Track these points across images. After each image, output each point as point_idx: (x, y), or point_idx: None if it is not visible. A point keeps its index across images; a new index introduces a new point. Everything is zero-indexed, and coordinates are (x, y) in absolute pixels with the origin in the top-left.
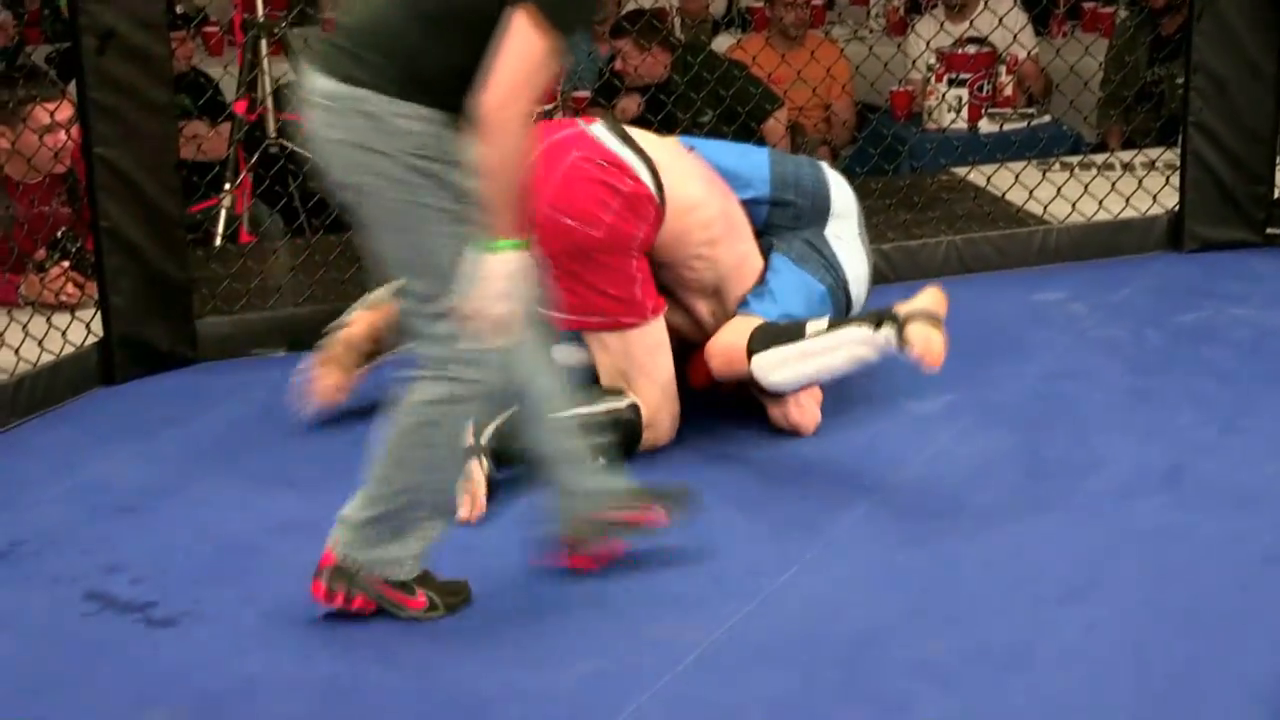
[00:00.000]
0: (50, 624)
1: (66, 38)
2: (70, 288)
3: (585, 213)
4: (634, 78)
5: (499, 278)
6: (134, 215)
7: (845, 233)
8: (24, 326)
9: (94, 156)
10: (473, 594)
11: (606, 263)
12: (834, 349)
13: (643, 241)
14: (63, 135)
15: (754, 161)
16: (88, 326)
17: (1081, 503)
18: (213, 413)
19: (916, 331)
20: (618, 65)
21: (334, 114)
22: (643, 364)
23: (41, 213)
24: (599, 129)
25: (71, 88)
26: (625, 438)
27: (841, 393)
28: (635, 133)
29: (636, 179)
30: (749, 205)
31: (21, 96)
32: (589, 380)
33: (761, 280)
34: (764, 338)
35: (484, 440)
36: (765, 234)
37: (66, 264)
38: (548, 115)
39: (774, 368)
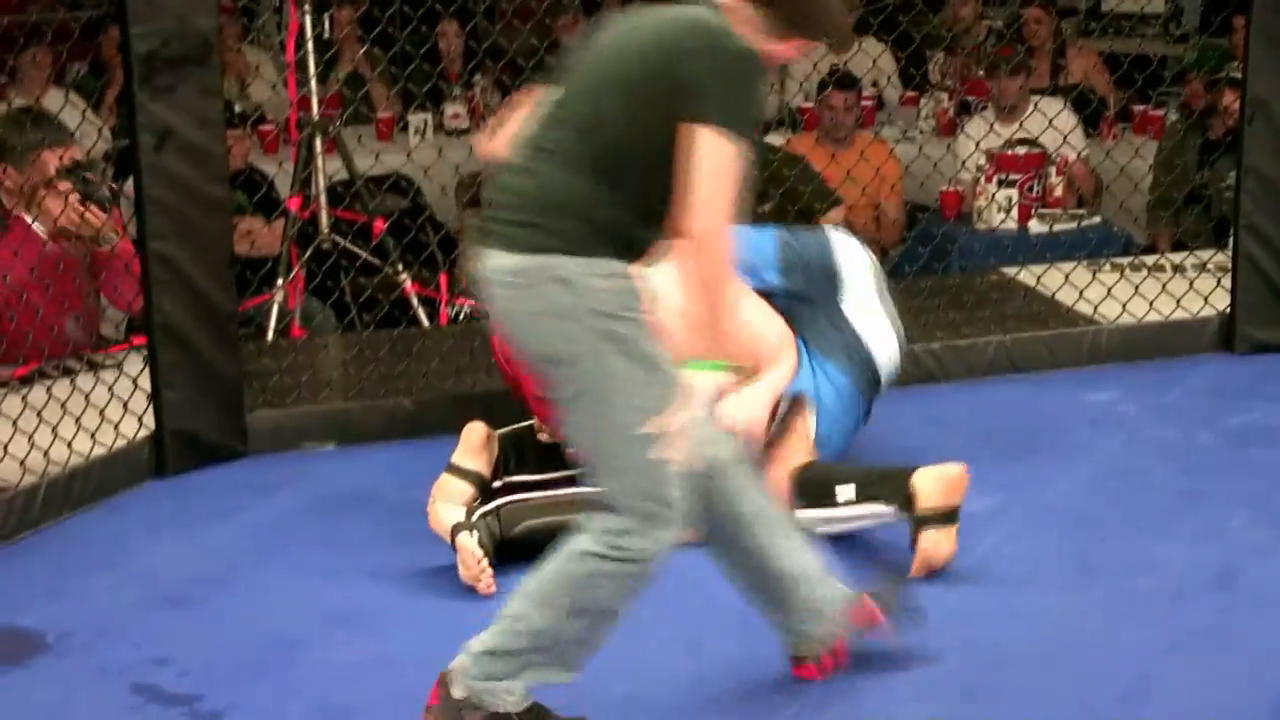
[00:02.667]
0: (96, 717)
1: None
2: (75, 213)
3: None
4: None
5: (703, 398)
6: (188, 309)
7: (862, 299)
8: (77, 419)
9: (149, 251)
10: None
11: None
12: (854, 518)
13: None
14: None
15: (762, 248)
16: (140, 419)
17: (1132, 604)
18: (262, 505)
19: (928, 538)
20: None
21: (523, 288)
22: None
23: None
24: None
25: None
26: None
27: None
28: None
29: None
30: (762, 291)
31: (31, 141)
32: None
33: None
34: (799, 490)
35: (475, 518)
36: (785, 314)
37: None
38: None
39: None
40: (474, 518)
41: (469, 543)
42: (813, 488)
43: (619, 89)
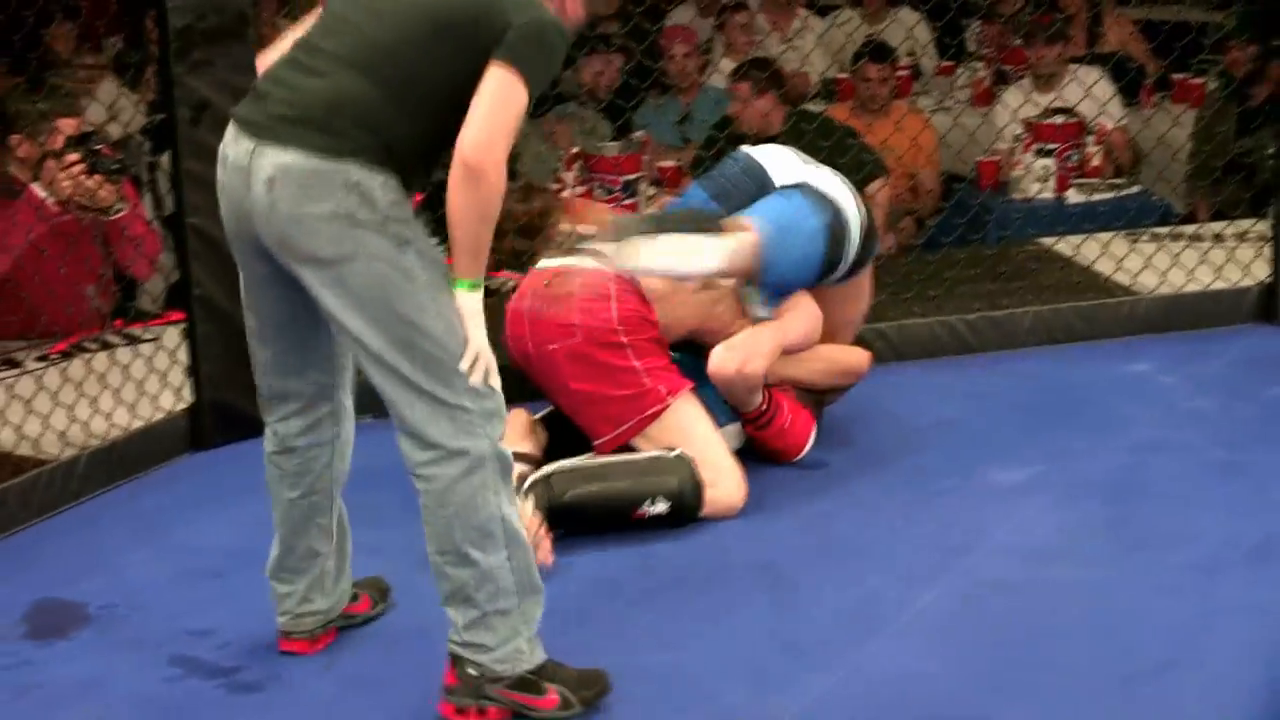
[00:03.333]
0: (135, 688)
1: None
2: (84, 179)
3: (557, 329)
4: (748, 126)
5: (473, 315)
6: (225, 283)
7: (798, 171)
8: (116, 392)
9: (186, 226)
10: (609, 684)
11: (605, 362)
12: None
13: (626, 316)
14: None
15: (697, 199)
16: (178, 393)
17: (1169, 576)
18: None
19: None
20: (732, 109)
21: (313, 188)
22: (685, 438)
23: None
24: (541, 262)
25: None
26: (683, 484)
27: (923, 462)
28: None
29: (582, 270)
30: None
31: (43, 110)
32: None
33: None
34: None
35: (525, 485)
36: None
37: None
38: (631, 187)
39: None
40: (524, 485)
41: (524, 508)
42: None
43: (428, 19)
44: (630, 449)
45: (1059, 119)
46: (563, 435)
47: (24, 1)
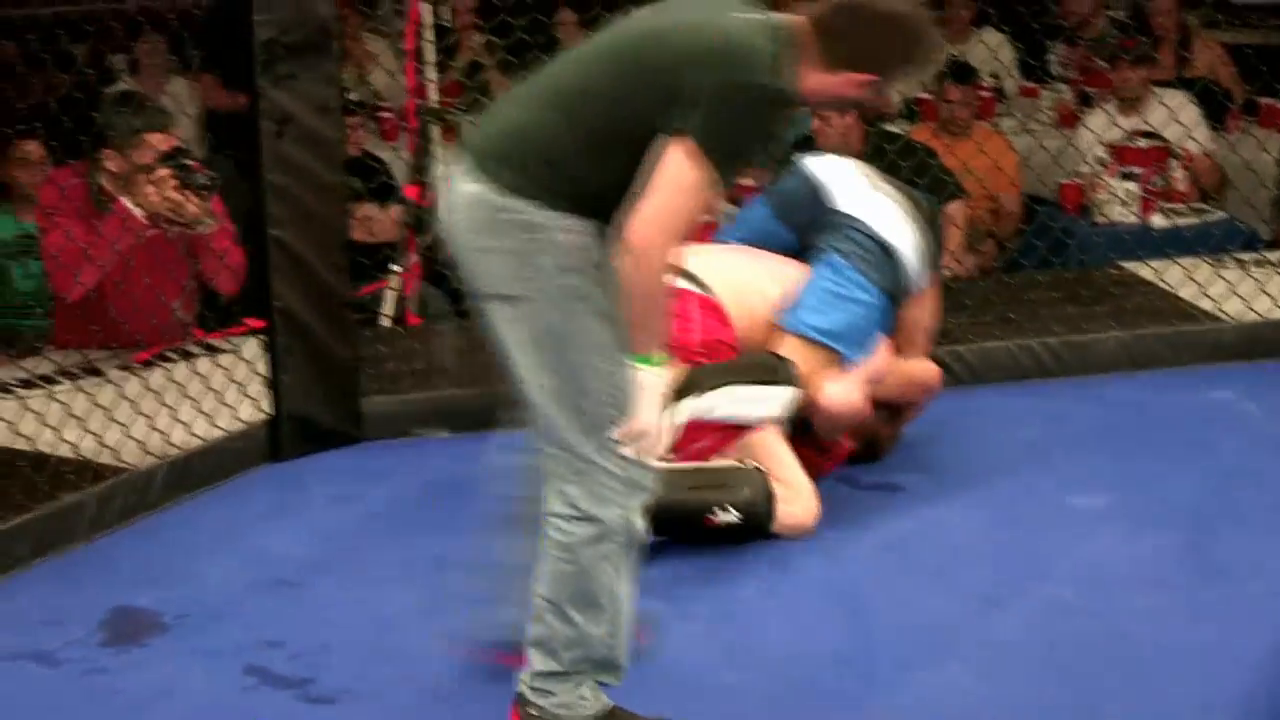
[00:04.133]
0: (209, 698)
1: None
2: (176, 194)
3: None
4: (827, 144)
5: (644, 389)
6: (305, 295)
7: (854, 196)
8: (196, 403)
9: (268, 238)
10: None
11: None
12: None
13: (709, 340)
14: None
15: (756, 216)
16: (257, 404)
17: (1248, 606)
18: (376, 491)
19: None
20: (815, 125)
21: (489, 220)
22: (764, 458)
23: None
24: None
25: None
26: (756, 495)
27: (1001, 486)
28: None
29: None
30: (790, 253)
31: (134, 125)
32: None
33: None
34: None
35: None
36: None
37: (168, 172)
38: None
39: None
40: None
41: None
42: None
43: (626, 67)
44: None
45: (1143, 142)
46: None
47: (115, 14)
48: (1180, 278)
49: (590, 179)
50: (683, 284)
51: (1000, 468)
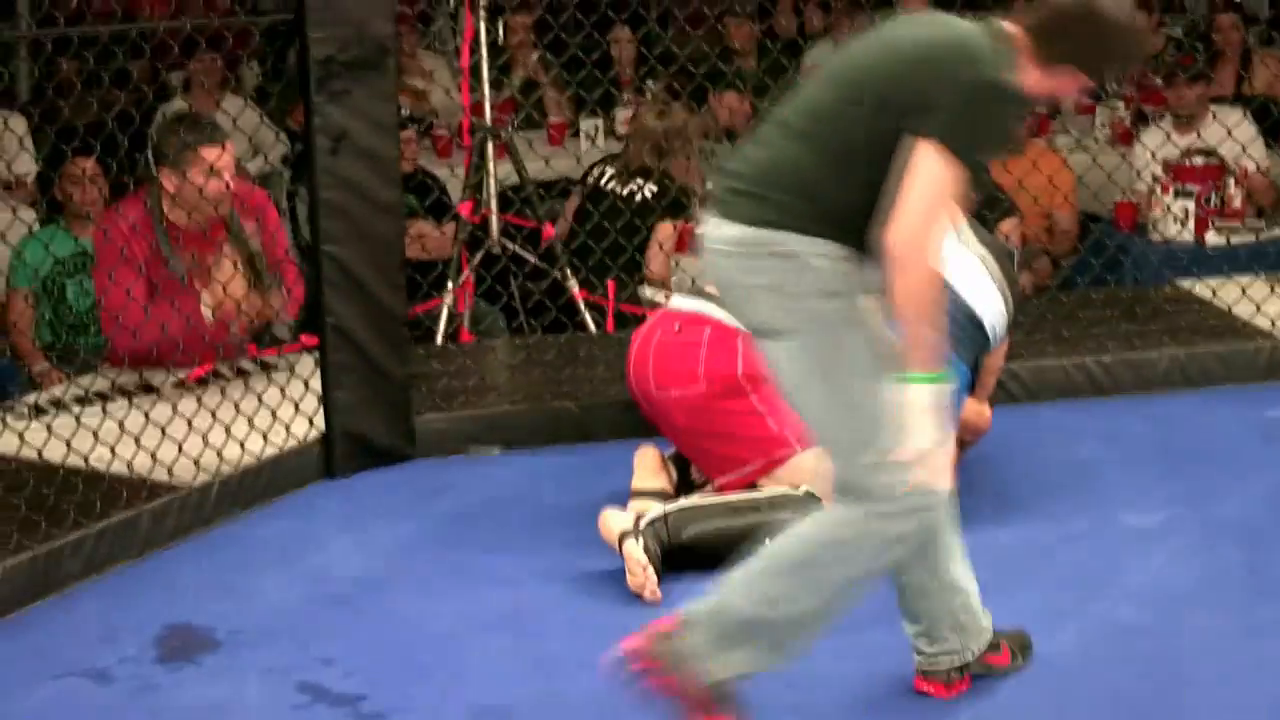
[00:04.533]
0: (262, 715)
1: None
2: (239, 289)
3: (680, 376)
4: None
5: (920, 410)
6: (359, 312)
7: (947, 248)
8: (250, 419)
9: (322, 254)
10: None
11: (727, 409)
12: None
13: (750, 373)
14: (221, 182)
15: None
16: (310, 421)
17: None
18: (429, 508)
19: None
20: None
21: (744, 258)
22: (815, 480)
23: (206, 263)
24: (676, 299)
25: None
26: None
27: (1056, 503)
28: None
29: (713, 321)
30: None
31: (188, 141)
32: None
33: None
34: None
35: (642, 524)
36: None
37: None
38: None
39: None
40: (642, 525)
41: (635, 550)
42: None
43: (863, 85)
44: (754, 487)
45: (1199, 160)
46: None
47: (171, 32)
48: (1235, 295)
49: (838, 200)
50: (710, 311)
51: (1055, 486)
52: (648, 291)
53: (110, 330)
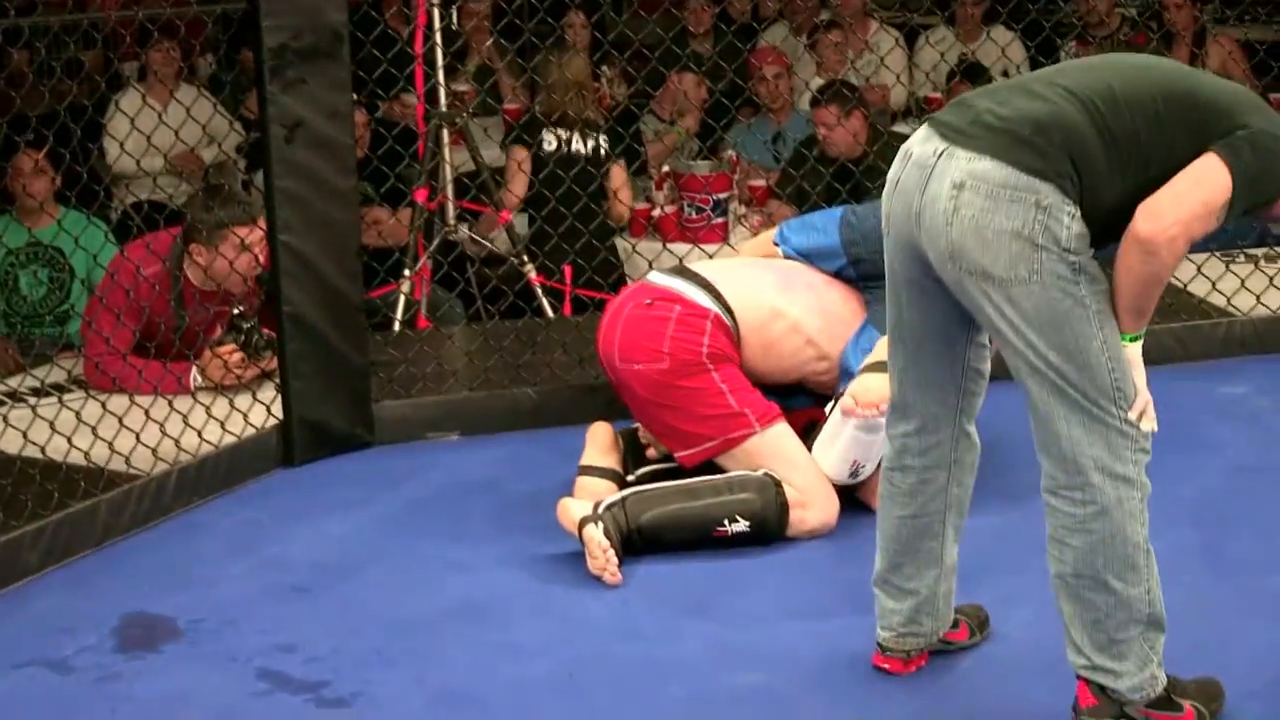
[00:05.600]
0: (224, 702)
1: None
2: (237, 362)
3: (646, 351)
4: (835, 150)
5: (1137, 365)
6: (316, 300)
7: None
8: (207, 409)
9: (278, 243)
10: (1224, 692)
11: (690, 386)
12: (839, 427)
13: (715, 353)
14: (252, 257)
15: (828, 230)
16: (268, 409)
17: (1263, 601)
18: (389, 495)
19: (857, 384)
20: (821, 132)
21: (1005, 201)
22: (774, 462)
23: (219, 312)
24: (653, 274)
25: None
26: (766, 505)
27: (1014, 481)
28: (703, 264)
29: (684, 300)
30: (842, 276)
31: (220, 219)
32: None
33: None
34: (806, 433)
35: (601, 509)
36: (866, 292)
37: (234, 348)
38: (721, 206)
39: (821, 460)
40: (600, 509)
41: (595, 534)
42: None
43: (1171, 92)
44: (714, 465)
45: None
46: (639, 454)
47: (124, 21)
48: (1191, 273)
49: (1103, 184)
50: (683, 289)
51: (1012, 465)
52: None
53: (91, 371)
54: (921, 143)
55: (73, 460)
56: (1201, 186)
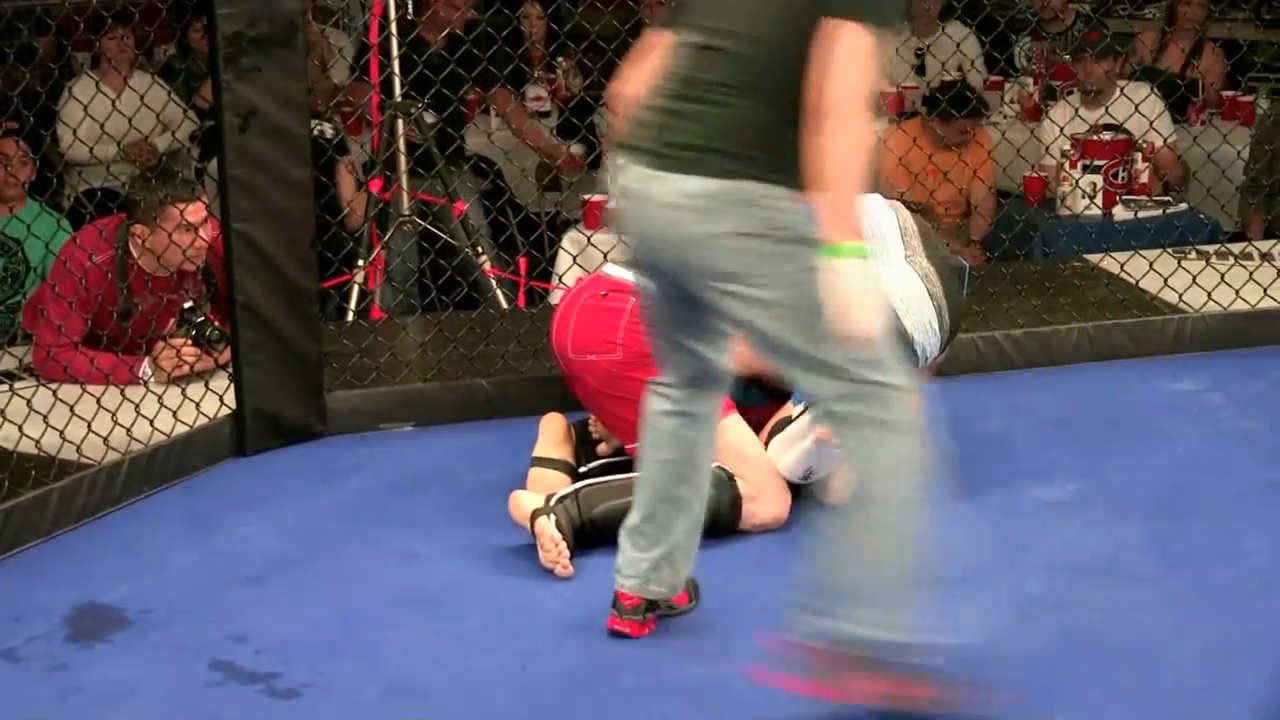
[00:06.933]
0: (174, 694)
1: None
2: (189, 354)
3: (599, 342)
4: None
5: (853, 284)
6: (269, 290)
7: (888, 265)
8: (159, 398)
9: (232, 232)
10: None
11: (642, 378)
12: (802, 434)
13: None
14: (196, 237)
15: None
16: (221, 399)
17: (1213, 596)
18: (341, 485)
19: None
20: None
21: (709, 211)
22: (726, 455)
23: (170, 300)
24: (608, 266)
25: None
26: (719, 498)
27: (967, 478)
28: None
29: (639, 292)
30: None
31: (160, 198)
32: None
33: None
34: (775, 429)
35: (553, 502)
36: None
37: (186, 341)
38: None
39: (778, 457)
40: (552, 502)
41: (547, 526)
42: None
43: (765, 10)
44: None
45: (1107, 135)
46: (591, 446)
47: (77, 7)
48: (1143, 269)
49: (780, 133)
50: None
51: (964, 460)
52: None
53: (41, 359)
54: (625, 171)
55: (23, 449)
56: (849, 53)
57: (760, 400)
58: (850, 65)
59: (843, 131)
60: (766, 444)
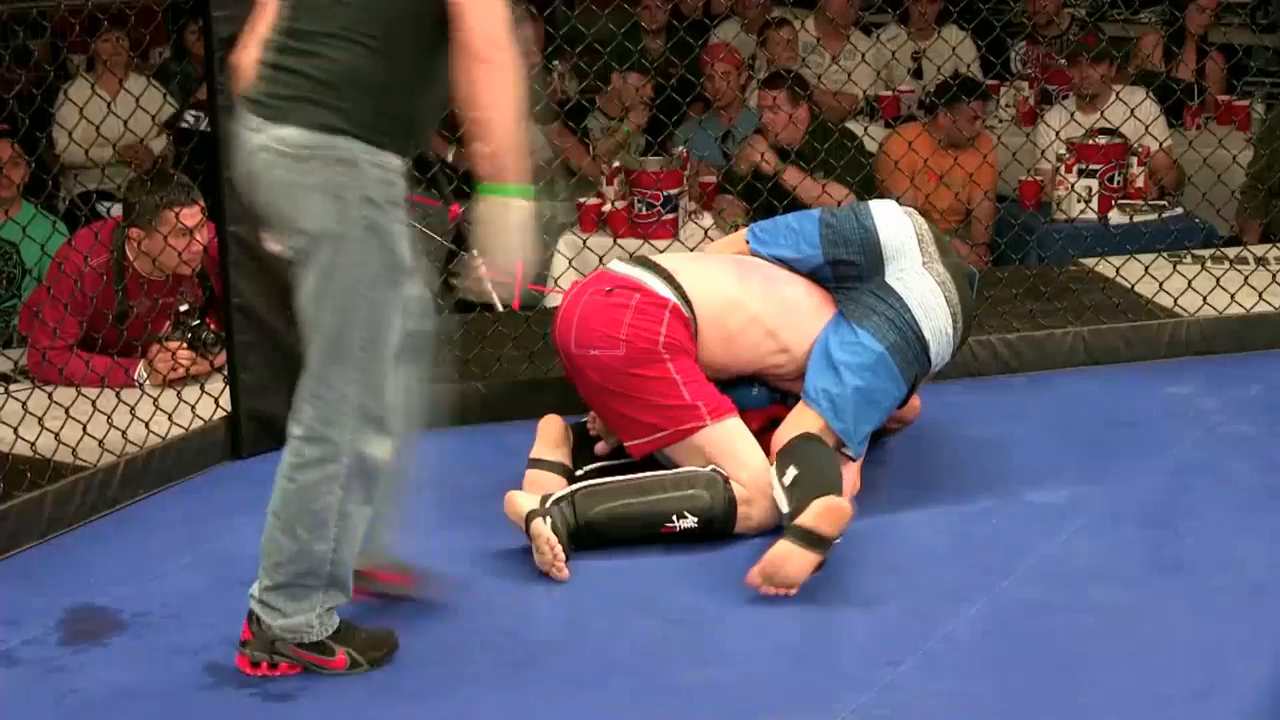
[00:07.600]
0: (170, 697)
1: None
2: (185, 358)
3: (603, 337)
4: (773, 134)
5: (511, 226)
6: (265, 292)
7: (906, 271)
8: (155, 401)
9: (227, 234)
10: (397, 643)
11: (644, 375)
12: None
13: (671, 343)
14: (192, 241)
15: (804, 231)
16: (216, 401)
17: (1209, 600)
18: None
19: (780, 547)
20: (766, 117)
21: (303, 160)
22: (723, 458)
23: (166, 303)
24: (614, 263)
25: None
26: (714, 501)
27: (962, 482)
28: (664, 255)
29: (644, 289)
30: (816, 277)
31: (156, 201)
32: None
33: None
34: (781, 459)
35: (549, 504)
36: (837, 292)
37: (182, 344)
38: (672, 202)
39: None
40: (548, 504)
41: (542, 529)
42: (782, 456)
43: None
44: (663, 457)
45: (1102, 139)
46: (588, 447)
47: (73, 9)
48: (1138, 273)
49: (396, 92)
50: (644, 279)
51: (960, 464)
52: None
53: (36, 362)
54: (241, 123)
55: (19, 451)
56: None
57: (762, 401)
58: (484, 11)
59: (494, 71)
60: (768, 448)
